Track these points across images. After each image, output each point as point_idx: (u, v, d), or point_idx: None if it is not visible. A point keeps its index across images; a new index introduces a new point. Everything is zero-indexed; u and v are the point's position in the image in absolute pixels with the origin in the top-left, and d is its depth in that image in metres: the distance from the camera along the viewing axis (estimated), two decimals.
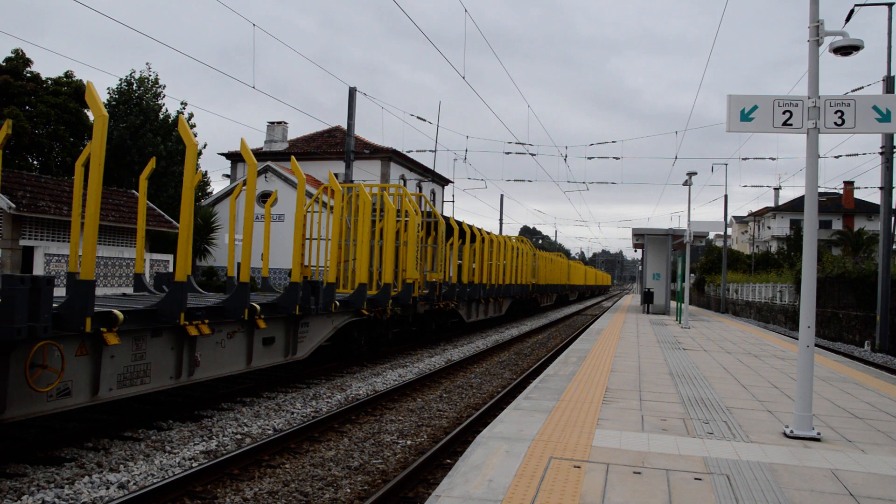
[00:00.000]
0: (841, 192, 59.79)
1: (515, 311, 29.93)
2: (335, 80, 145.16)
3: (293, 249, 10.55)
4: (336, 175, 15.57)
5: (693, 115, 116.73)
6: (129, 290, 22.59)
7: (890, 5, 21.39)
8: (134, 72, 36.95)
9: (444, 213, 37.10)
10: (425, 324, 17.50)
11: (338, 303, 11.30)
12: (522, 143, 29.32)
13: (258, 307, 8.94)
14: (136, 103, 35.74)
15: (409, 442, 7.83)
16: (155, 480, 5.99)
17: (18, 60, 32.21)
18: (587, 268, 70.57)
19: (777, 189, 60.66)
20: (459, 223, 21.48)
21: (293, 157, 11.67)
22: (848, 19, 19.78)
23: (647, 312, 28.03)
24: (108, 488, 5.77)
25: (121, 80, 36.31)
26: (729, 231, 61.37)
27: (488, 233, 23.24)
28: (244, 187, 14.81)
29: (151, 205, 28.31)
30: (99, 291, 22.28)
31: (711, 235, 70.14)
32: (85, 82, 11.15)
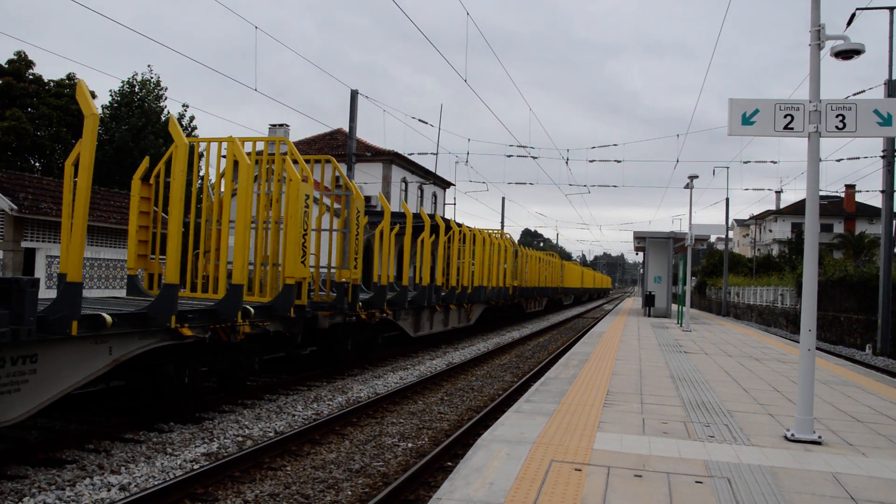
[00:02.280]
0: (842, 195, 59.77)
1: (494, 318, 25.52)
2: (335, 82, 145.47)
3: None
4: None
5: (693, 119, 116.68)
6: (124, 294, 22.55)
7: (891, 9, 21.41)
8: (136, 74, 37.11)
9: (445, 216, 36.87)
10: (337, 343, 12.69)
11: (109, 318, 6.53)
12: (524, 146, 29.40)
13: None
14: (138, 105, 35.83)
15: (410, 444, 7.83)
16: (156, 482, 5.99)
17: (21, 62, 32.28)
18: (584, 269, 67.45)
19: (778, 192, 60.67)
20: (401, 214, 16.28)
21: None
22: (849, 23, 19.81)
23: (649, 315, 28.04)
24: (109, 490, 5.78)
25: (123, 82, 36.44)
26: (730, 234, 61.36)
27: (445, 220, 18.16)
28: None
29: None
30: (95, 293, 22.33)
31: (713, 238, 70.15)
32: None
